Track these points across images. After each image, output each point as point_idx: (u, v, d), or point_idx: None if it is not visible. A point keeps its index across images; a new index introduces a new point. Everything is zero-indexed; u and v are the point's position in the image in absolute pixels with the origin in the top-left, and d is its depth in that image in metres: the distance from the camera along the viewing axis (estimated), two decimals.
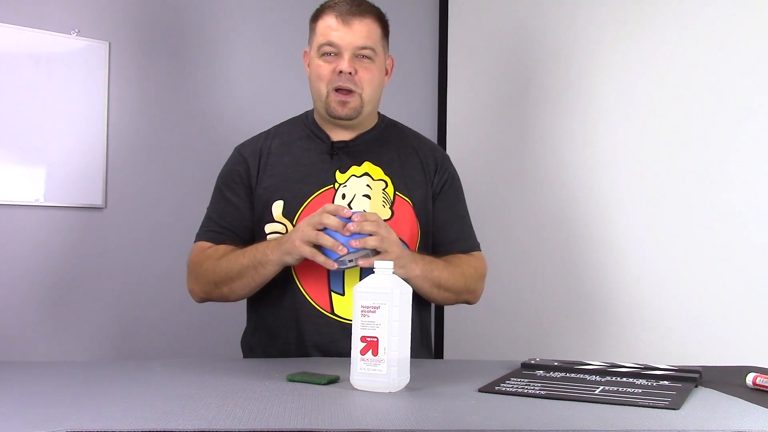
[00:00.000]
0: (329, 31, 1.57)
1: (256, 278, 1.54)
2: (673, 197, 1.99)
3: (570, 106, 2.30)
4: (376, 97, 1.65)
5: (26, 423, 0.94)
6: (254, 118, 2.49)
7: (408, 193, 1.64)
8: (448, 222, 1.70)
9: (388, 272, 1.19)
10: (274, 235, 1.58)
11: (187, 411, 0.99)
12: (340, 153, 1.63)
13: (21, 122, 2.12)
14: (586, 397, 1.11)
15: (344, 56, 1.56)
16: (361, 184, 1.61)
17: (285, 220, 1.58)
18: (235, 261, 1.54)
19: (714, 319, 1.88)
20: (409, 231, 1.62)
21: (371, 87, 1.60)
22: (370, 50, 1.58)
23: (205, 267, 1.59)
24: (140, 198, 2.31)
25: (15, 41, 2.11)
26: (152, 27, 2.33)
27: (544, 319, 2.33)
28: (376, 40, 1.60)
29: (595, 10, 2.23)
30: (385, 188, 1.62)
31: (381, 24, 1.62)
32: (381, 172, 1.64)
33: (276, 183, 1.61)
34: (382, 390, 1.14)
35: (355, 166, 1.62)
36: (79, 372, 1.32)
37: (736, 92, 1.87)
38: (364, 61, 1.58)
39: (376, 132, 1.69)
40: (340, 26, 1.56)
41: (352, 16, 1.56)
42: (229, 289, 1.58)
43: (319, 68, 1.58)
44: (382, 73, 1.64)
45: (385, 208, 1.60)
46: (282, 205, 1.58)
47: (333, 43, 1.56)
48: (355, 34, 1.56)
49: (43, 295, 2.16)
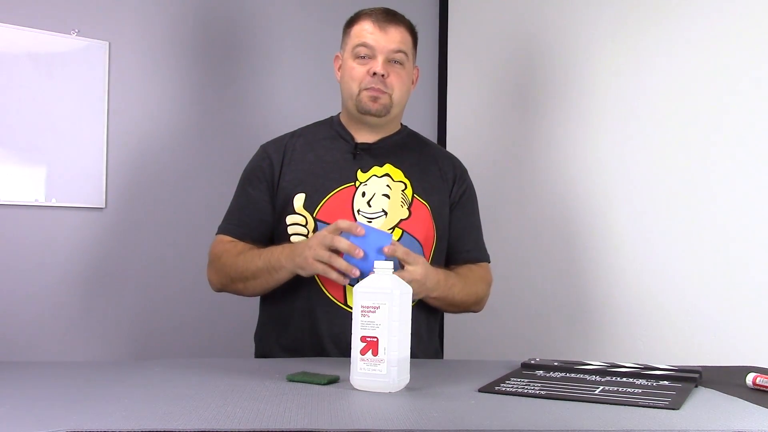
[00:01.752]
0: (365, 34, 1.66)
1: (269, 281, 1.60)
2: (673, 197, 1.99)
3: (570, 107, 2.30)
4: (404, 102, 1.73)
5: (26, 423, 0.94)
6: (255, 117, 2.49)
7: (426, 197, 1.69)
8: (464, 232, 1.76)
9: (388, 272, 1.19)
10: (293, 227, 1.63)
11: (187, 411, 0.99)
12: (363, 153, 1.70)
13: (21, 122, 2.12)
14: (586, 397, 1.11)
15: (378, 59, 1.65)
16: (381, 184, 1.66)
17: (305, 212, 1.64)
18: (251, 262, 1.60)
19: (714, 319, 1.88)
20: (425, 232, 1.67)
21: (400, 91, 1.69)
22: (403, 54, 1.67)
23: (223, 261, 1.65)
24: (140, 198, 2.31)
25: (15, 41, 2.11)
26: (152, 27, 2.33)
27: (544, 319, 2.33)
28: (408, 46, 1.69)
29: (595, 10, 2.23)
30: (404, 189, 1.68)
31: (412, 34, 1.72)
32: (401, 174, 1.70)
33: (299, 177, 1.67)
34: (382, 390, 1.14)
35: (377, 167, 1.69)
36: (79, 372, 1.32)
37: (738, 93, 1.87)
38: (395, 66, 1.67)
39: (398, 138, 1.77)
40: (376, 30, 1.65)
41: (387, 23, 1.66)
42: (244, 287, 1.64)
43: (353, 70, 1.66)
44: (411, 80, 1.74)
45: (403, 208, 1.66)
46: (303, 198, 1.64)
47: (368, 45, 1.65)
48: (390, 39, 1.65)
49: (42, 295, 2.16)
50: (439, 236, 1.70)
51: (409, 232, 1.65)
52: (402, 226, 1.64)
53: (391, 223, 1.64)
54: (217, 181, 2.35)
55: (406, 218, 1.65)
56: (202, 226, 2.11)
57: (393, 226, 1.64)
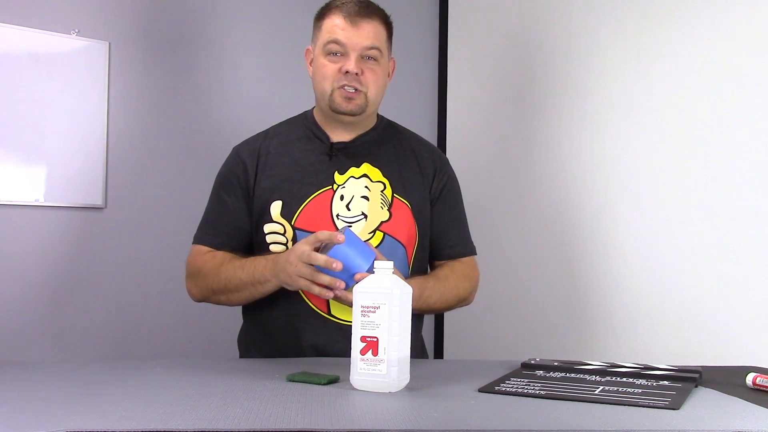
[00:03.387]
0: (336, 30, 1.57)
1: (254, 293, 1.55)
2: (672, 197, 1.99)
3: (570, 107, 2.30)
4: (380, 98, 1.65)
5: (26, 423, 0.94)
6: (255, 117, 2.49)
7: (406, 196, 1.64)
8: (447, 227, 1.71)
9: (388, 272, 1.19)
10: (272, 236, 1.58)
11: (187, 411, 0.99)
12: (339, 154, 1.63)
13: (21, 122, 2.12)
14: (586, 397, 1.11)
15: (351, 56, 1.56)
16: (360, 186, 1.61)
17: (283, 220, 1.58)
18: (234, 274, 1.55)
19: (714, 319, 1.88)
20: (407, 233, 1.62)
21: (376, 88, 1.61)
22: (377, 51, 1.58)
23: (203, 273, 1.61)
24: (140, 198, 2.31)
25: (15, 41, 2.11)
26: (152, 27, 2.33)
27: (544, 319, 2.33)
28: (382, 41, 1.60)
29: (596, 10, 2.23)
30: (383, 190, 1.62)
31: (386, 26, 1.63)
32: (379, 173, 1.64)
33: (275, 183, 1.61)
34: (382, 390, 1.14)
35: (354, 168, 1.62)
36: (79, 372, 1.32)
37: (738, 94, 1.87)
38: (369, 62, 1.58)
39: (375, 133, 1.69)
40: (347, 26, 1.56)
41: (359, 17, 1.56)
42: (227, 299, 1.60)
43: (324, 68, 1.58)
44: (386, 75, 1.65)
45: (383, 210, 1.60)
46: (280, 206, 1.58)
47: (340, 42, 1.56)
48: (363, 35, 1.56)
49: (42, 295, 2.16)
50: (422, 234, 1.66)
51: (391, 234, 1.60)
52: (383, 229, 1.59)
53: (371, 227, 1.59)
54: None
55: (387, 220, 1.60)
56: None
57: (374, 230, 1.59)
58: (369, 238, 1.58)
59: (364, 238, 1.57)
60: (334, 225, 1.57)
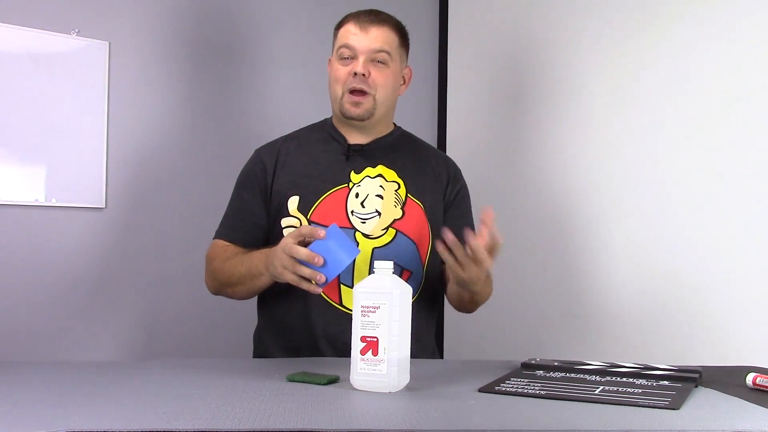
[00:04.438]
0: (348, 36, 1.66)
1: (252, 288, 1.61)
2: (672, 197, 1.99)
3: (569, 108, 2.30)
4: (390, 101, 1.71)
5: (26, 423, 0.94)
6: (255, 117, 2.49)
7: (419, 197, 1.70)
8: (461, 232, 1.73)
9: (388, 272, 1.19)
10: (288, 229, 1.63)
11: (187, 411, 0.99)
12: (356, 155, 1.70)
13: (21, 122, 2.11)
14: (586, 397, 1.11)
15: (359, 59, 1.64)
16: (374, 185, 1.67)
17: (300, 214, 1.65)
18: (235, 268, 1.61)
19: (714, 319, 1.88)
20: (419, 232, 1.67)
21: (384, 89, 1.67)
22: (385, 54, 1.66)
23: (214, 265, 1.68)
24: (140, 198, 2.31)
25: (15, 41, 2.11)
26: (152, 27, 2.33)
27: (544, 319, 2.33)
28: (392, 45, 1.68)
29: (594, 11, 2.23)
30: (397, 189, 1.69)
31: (399, 33, 1.71)
32: (394, 174, 1.70)
33: (293, 179, 1.68)
34: (382, 390, 1.14)
35: (370, 168, 1.69)
36: (79, 372, 1.32)
37: (734, 94, 1.87)
38: (378, 65, 1.66)
39: (391, 138, 1.77)
40: (358, 31, 1.66)
41: (370, 23, 1.66)
42: (233, 291, 1.66)
43: (337, 71, 1.67)
44: (398, 80, 1.72)
45: (396, 208, 1.66)
46: (297, 201, 1.65)
47: (350, 46, 1.65)
48: (371, 39, 1.65)
49: (42, 295, 2.16)
50: (435, 235, 1.69)
51: (403, 231, 1.65)
52: (395, 226, 1.65)
53: (384, 224, 1.64)
54: (216, 181, 2.34)
55: (400, 218, 1.66)
56: (202, 226, 2.11)
57: (387, 227, 1.64)
58: (381, 235, 1.63)
59: (377, 234, 1.63)
60: (348, 221, 1.63)
